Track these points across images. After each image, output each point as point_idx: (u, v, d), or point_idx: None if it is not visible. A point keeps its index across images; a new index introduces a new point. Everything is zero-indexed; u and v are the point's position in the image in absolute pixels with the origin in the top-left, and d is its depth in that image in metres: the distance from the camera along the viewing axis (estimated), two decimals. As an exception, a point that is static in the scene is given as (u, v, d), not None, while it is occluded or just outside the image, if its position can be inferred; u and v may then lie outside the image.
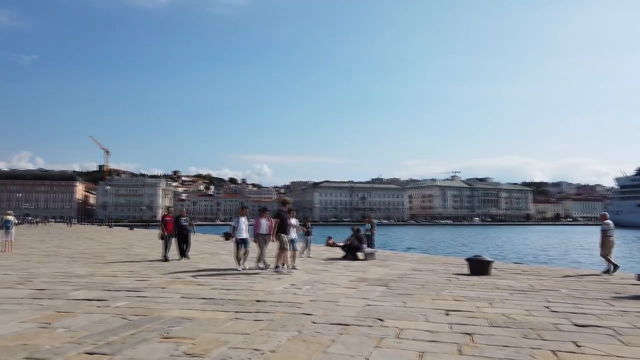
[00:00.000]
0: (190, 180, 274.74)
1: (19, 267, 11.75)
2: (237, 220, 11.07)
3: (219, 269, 11.17)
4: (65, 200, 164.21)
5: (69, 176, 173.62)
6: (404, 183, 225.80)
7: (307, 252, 15.50)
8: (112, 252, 17.55)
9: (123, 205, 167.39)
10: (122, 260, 13.97)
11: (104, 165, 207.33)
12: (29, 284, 8.70)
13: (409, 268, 11.96)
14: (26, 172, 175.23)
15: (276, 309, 6.17)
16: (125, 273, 10.42)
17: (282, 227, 10.59)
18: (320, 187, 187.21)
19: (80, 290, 7.88)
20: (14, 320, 5.50)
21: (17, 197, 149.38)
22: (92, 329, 5.05)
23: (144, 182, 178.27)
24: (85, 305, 6.49)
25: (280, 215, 10.76)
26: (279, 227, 10.53)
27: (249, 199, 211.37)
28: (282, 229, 10.54)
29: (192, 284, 8.64)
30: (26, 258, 14.62)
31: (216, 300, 6.80)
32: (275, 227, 10.52)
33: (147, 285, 8.48)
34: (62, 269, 11.24)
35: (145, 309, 6.18)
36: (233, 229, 11.07)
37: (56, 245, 21.72)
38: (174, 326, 5.15)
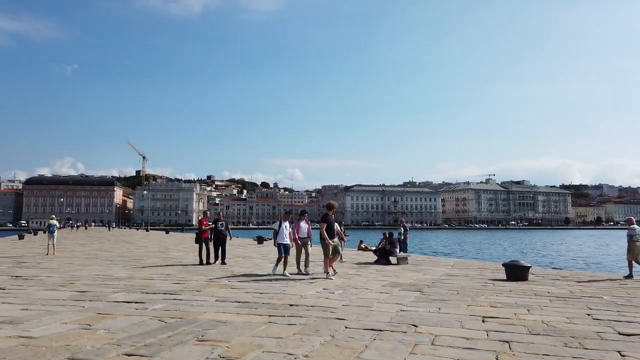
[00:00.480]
0: (224, 185, 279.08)
1: (62, 270, 12.21)
2: (279, 224, 10.75)
3: (253, 273, 11.29)
4: (104, 205, 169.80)
5: (108, 181, 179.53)
6: (437, 186, 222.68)
7: (340, 257, 15.45)
8: (149, 255, 18.00)
9: (159, 210, 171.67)
10: (158, 263, 14.31)
11: (141, 170, 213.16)
12: (71, 286, 9.02)
13: (443, 273, 11.77)
14: (68, 178, 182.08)
15: (309, 313, 6.18)
16: (161, 276, 10.66)
17: (329, 231, 10.25)
18: (352, 191, 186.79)
19: (120, 292, 8.11)
20: (57, 321, 5.71)
21: (60, 202, 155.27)
22: (131, 330, 5.19)
23: (180, 187, 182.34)
24: (124, 307, 6.68)
25: (327, 219, 10.43)
26: (327, 232, 10.19)
27: (281, 203, 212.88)
28: (329, 234, 10.21)
29: (227, 287, 8.76)
30: (68, 261, 15.17)
31: (250, 304, 6.87)
32: (322, 231, 10.17)
33: (183, 288, 8.65)
34: (102, 272, 11.60)
35: (181, 311, 6.31)
36: (275, 234, 10.77)
37: (96, 249, 22.46)
38: (209, 329, 5.23)
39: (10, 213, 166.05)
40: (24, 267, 12.95)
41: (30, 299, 7.41)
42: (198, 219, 15.07)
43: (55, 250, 18.11)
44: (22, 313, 6.24)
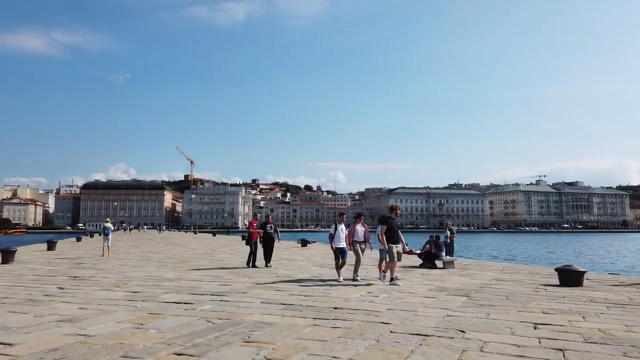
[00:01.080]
0: (268, 188, 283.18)
1: (115, 271, 12.76)
2: (335, 227, 10.25)
3: (297, 276, 11.37)
4: (155, 208, 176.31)
5: (159, 186, 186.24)
6: (485, 188, 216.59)
7: None
8: (197, 257, 18.49)
9: (206, 213, 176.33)
10: (206, 265, 14.68)
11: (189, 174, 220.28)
12: (125, 286, 9.41)
13: (492, 278, 11.42)
14: (121, 183, 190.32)
15: (353, 316, 6.16)
16: (209, 278, 10.93)
17: (391, 235, 9.57)
18: (396, 193, 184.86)
19: (170, 293, 8.38)
20: (111, 320, 5.97)
21: (114, 206, 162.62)
22: (180, 330, 5.35)
23: (226, 191, 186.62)
24: (174, 307, 6.90)
25: (389, 222, 9.70)
26: (388, 235, 9.54)
27: (324, 206, 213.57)
28: (391, 238, 9.54)
29: (272, 289, 8.87)
30: (122, 262, 15.83)
31: (294, 306, 6.92)
32: (383, 235, 9.53)
33: (230, 289, 8.83)
34: (153, 273, 12.03)
35: (228, 312, 6.44)
36: (330, 237, 10.28)
37: (148, 251, 23.31)
38: (255, 330, 5.31)
39: (69, 216, 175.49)
40: (81, 268, 13.62)
41: (87, 299, 7.78)
42: (248, 222, 15.02)
43: (110, 252, 18.93)
44: (80, 312, 6.57)
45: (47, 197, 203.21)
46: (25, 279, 10.87)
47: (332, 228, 10.29)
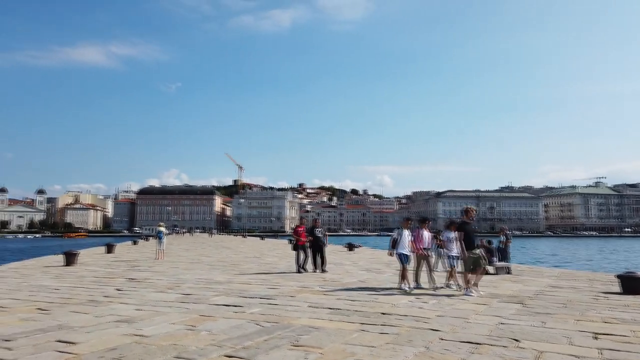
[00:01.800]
0: (314, 192, 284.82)
1: (169, 273, 13.22)
2: (400, 232, 9.51)
3: (344, 280, 11.35)
4: (206, 213, 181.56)
5: (209, 191, 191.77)
6: (539, 191, 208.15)
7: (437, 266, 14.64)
8: (246, 260, 18.85)
9: (255, 217, 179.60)
10: (254, 268, 14.93)
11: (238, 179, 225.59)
12: (177, 288, 9.73)
13: (547, 284, 10.93)
14: (174, 188, 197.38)
15: (402, 322, 6.07)
16: (258, 281, 11.12)
17: (468, 242, 8.73)
18: (444, 197, 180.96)
19: (220, 296, 8.59)
20: (165, 321, 6.19)
21: (167, 210, 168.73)
22: (230, 333, 5.47)
23: (273, 195, 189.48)
24: (223, 310, 7.06)
25: (465, 228, 8.83)
26: (465, 242, 8.69)
27: (371, 210, 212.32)
28: (468, 245, 8.72)
29: (319, 293, 8.90)
30: (175, 265, 16.38)
31: (342, 311, 6.91)
32: (461, 242, 8.74)
33: (278, 293, 8.94)
34: (204, 276, 12.37)
35: (277, 316, 6.52)
36: (393, 243, 9.57)
37: (199, 254, 24.00)
38: (303, 335, 5.34)
39: (126, 220, 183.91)
40: (137, 270, 14.21)
41: (142, 300, 8.11)
42: (295, 226, 14.81)
43: (163, 255, 19.65)
44: (136, 313, 6.85)
45: (106, 202, 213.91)
46: (86, 280, 11.46)
47: (396, 233, 9.62)
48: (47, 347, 4.82)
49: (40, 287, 9.96)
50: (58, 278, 11.96)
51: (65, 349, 4.74)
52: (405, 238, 9.49)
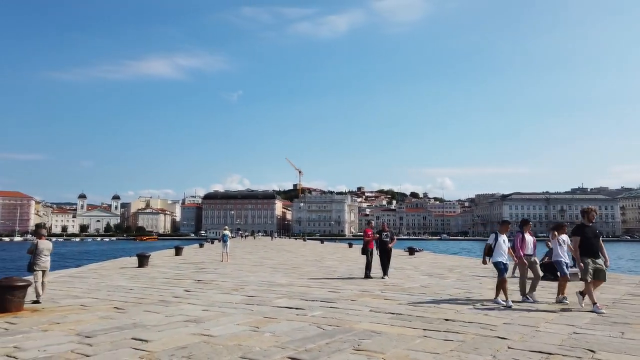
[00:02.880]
0: (373, 196, 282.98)
1: (233, 275, 13.64)
2: (496, 238, 8.31)
3: (405, 285, 11.18)
4: (267, 216, 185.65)
5: (270, 195, 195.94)
6: (614, 192, 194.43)
7: (512, 272, 13.63)
8: (307, 263, 19.05)
9: (314, 220, 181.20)
10: (315, 271, 15.06)
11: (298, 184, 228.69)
12: (242, 290, 10.02)
13: (626, 292, 10.18)
14: (237, 193, 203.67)
15: (467, 329, 5.89)
16: (318, 284, 11.21)
17: (588, 248, 7.45)
18: (510, 200, 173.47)
19: (282, 298, 8.75)
20: (231, 322, 6.40)
21: (231, 214, 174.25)
22: (293, 335, 5.56)
23: (332, 199, 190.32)
24: (286, 312, 7.19)
25: (582, 231, 7.55)
26: (582, 248, 7.46)
27: (432, 213, 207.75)
28: (588, 251, 7.44)
29: (380, 298, 8.83)
30: (239, 267, 16.88)
31: (403, 316, 6.82)
32: (576, 249, 7.53)
33: (339, 296, 8.97)
34: (267, 278, 12.64)
35: (338, 319, 6.55)
36: (488, 249, 8.33)
37: (261, 257, 24.56)
38: (365, 339, 5.33)
39: (193, 224, 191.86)
40: (204, 272, 14.78)
41: (209, 301, 8.43)
42: (363, 229, 14.31)
43: (228, 258, 20.29)
44: (203, 313, 7.14)
45: (174, 207, 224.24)
46: (157, 281, 12.08)
47: (492, 238, 8.40)
48: (123, 344, 5.13)
49: (117, 287, 10.62)
50: (132, 279, 12.69)
51: (139, 347, 5.03)
52: (502, 244, 8.28)
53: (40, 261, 8.58)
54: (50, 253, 8.88)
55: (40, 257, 8.59)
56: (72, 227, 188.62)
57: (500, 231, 8.43)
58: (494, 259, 8.22)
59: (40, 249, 8.64)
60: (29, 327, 6.08)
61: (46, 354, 4.73)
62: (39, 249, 8.63)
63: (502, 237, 8.35)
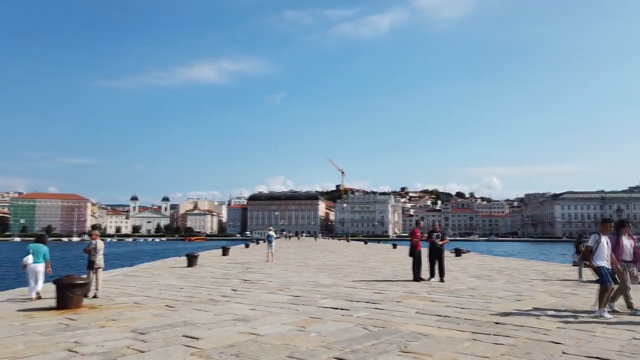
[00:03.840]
0: (417, 196, 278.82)
1: (279, 275, 13.82)
2: (598, 239, 7.29)
3: (452, 287, 10.95)
4: (311, 217, 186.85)
5: (313, 196, 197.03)
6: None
7: (579, 274, 12.69)
8: (351, 264, 19.02)
9: (357, 221, 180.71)
10: (359, 272, 15.01)
11: (340, 184, 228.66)
12: (287, 290, 10.14)
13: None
14: (281, 194, 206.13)
15: (518, 333, 5.71)
16: (363, 285, 11.17)
17: None
18: (562, 199, 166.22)
19: (327, 299, 8.78)
20: (277, 322, 6.49)
21: (275, 215, 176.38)
22: (339, 335, 5.57)
23: (375, 200, 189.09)
24: (331, 312, 7.21)
25: None
26: None
27: (479, 214, 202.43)
28: None
29: (426, 299, 8.70)
30: (284, 268, 17.08)
31: (451, 319, 6.68)
32: None
33: (383, 298, 8.90)
34: (311, 279, 12.72)
35: (383, 321, 6.50)
36: (588, 252, 7.36)
37: (305, 257, 24.75)
38: (411, 341, 5.27)
39: (239, 225, 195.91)
40: (250, 272, 15.05)
41: (255, 300, 8.58)
42: (411, 230, 13.62)
43: (273, 258, 20.57)
44: (250, 312, 7.27)
45: (221, 208, 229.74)
46: (205, 280, 12.41)
47: (592, 239, 7.39)
48: (175, 341, 5.32)
49: (168, 286, 11.00)
50: (182, 278, 13.10)
51: (190, 344, 5.19)
52: (605, 246, 7.28)
53: (95, 259, 9.28)
54: (103, 252, 9.55)
55: (95, 256, 9.30)
56: (125, 227, 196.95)
57: (602, 231, 7.42)
58: (596, 263, 7.21)
59: (96, 249, 9.36)
60: (87, 323, 6.41)
61: (104, 349, 4.97)
62: (97, 248, 9.37)
63: (604, 239, 7.34)
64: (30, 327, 6.14)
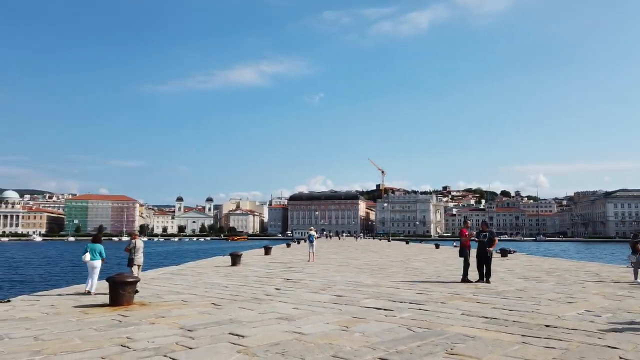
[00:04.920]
0: (460, 195, 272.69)
1: (320, 275, 13.86)
2: None
3: (499, 288, 10.65)
4: (351, 217, 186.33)
5: (353, 195, 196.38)
6: None
7: (634, 275, 12.01)
8: (392, 264, 18.84)
9: (398, 221, 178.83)
10: (401, 272, 14.85)
11: (381, 184, 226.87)
12: (329, 290, 10.16)
13: None
14: (321, 194, 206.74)
15: (570, 337, 5.48)
16: (405, 285, 11.04)
17: None
18: (615, 197, 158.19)
19: (370, 299, 8.74)
20: (321, 321, 6.51)
21: (315, 215, 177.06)
22: (382, 336, 5.53)
23: (416, 199, 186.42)
24: (374, 313, 7.17)
25: None
26: None
27: (525, 213, 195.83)
28: None
29: (472, 301, 8.50)
30: (325, 267, 17.12)
31: (499, 321, 6.50)
32: None
33: (427, 298, 8.77)
34: (353, 278, 12.69)
35: (428, 322, 6.40)
36: None
37: (346, 257, 24.72)
38: (458, 343, 5.16)
39: (279, 225, 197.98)
40: (292, 272, 15.18)
41: (298, 300, 8.65)
42: (460, 229, 13.32)
43: (314, 257, 20.67)
44: (294, 311, 7.33)
45: (262, 208, 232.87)
46: (249, 279, 12.62)
47: None
48: (221, 339, 5.43)
49: (213, 285, 11.26)
50: (226, 277, 13.38)
51: (236, 341, 5.29)
52: None
53: (136, 257, 9.91)
54: (142, 251, 10.15)
55: (136, 254, 9.91)
56: (171, 227, 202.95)
57: None
58: None
59: (135, 247, 9.96)
60: (138, 320, 6.65)
61: (154, 345, 5.14)
62: (137, 247, 9.98)
63: None
64: (86, 323, 6.44)
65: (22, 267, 36.89)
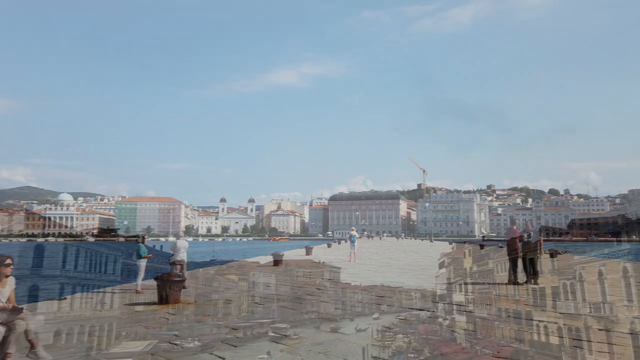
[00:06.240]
0: (505, 194, 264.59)
1: (362, 275, 13.81)
2: None
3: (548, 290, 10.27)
4: (392, 217, 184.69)
5: (394, 195, 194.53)
6: None
7: None
8: (435, 265, 18.51)
9: (441, 221, 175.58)
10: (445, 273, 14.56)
11: (422, 183, 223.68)
12: (371, 290, 10.09)
13: None
14: (361, 194, 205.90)
15: (625, 341, 5.22)
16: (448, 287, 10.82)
17: None
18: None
19: (413, 300, 8.62)
20: (363, 322, 6.48)
21: (356, 215, 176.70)
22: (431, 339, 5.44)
23: (459, 198, 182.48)
24: (421, 315, 7.07)
25: None
26: None
27: (575, 212, 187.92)
28: None
29: (520, 303, 8.24)
30: (366, 267, 17.05)
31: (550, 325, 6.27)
32: None
33: (472, 300, 8.56)
34: (395, 279, 12.57)
35: (473, 323, 6.25)
36: None
37: (388, 257, 24.52)
38: (504, 346, 5.02)
39: (320, 225, 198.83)
40: (333, 272, 15.19)
41: (340, 300, 8.65)
42: (505, 229, 13.24)
43: (355, 258, 20.62)
44: (336, 312, 7.35)
45: (303, 209, 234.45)
46: (291, 279, 12.73)
47: None
48: (265, 337, 5.52)
49: (256, 284, 11.44)
50: (269, 276, 13.55)
51: (280, 340, 5.35)
52: None
53: (179, 256, 10.41)
54: (186, 250, 10.70)
55: (179, 253, 10.42)
56: (215, 228, 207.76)
57: None
58: None
59: (178, 247, 10.50)
60: (185, 318, 6.85)
61: (201, 342, 5.28)
62: (177, 246, 10.52)
63: None
64: (136, 320, 6.69)
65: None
